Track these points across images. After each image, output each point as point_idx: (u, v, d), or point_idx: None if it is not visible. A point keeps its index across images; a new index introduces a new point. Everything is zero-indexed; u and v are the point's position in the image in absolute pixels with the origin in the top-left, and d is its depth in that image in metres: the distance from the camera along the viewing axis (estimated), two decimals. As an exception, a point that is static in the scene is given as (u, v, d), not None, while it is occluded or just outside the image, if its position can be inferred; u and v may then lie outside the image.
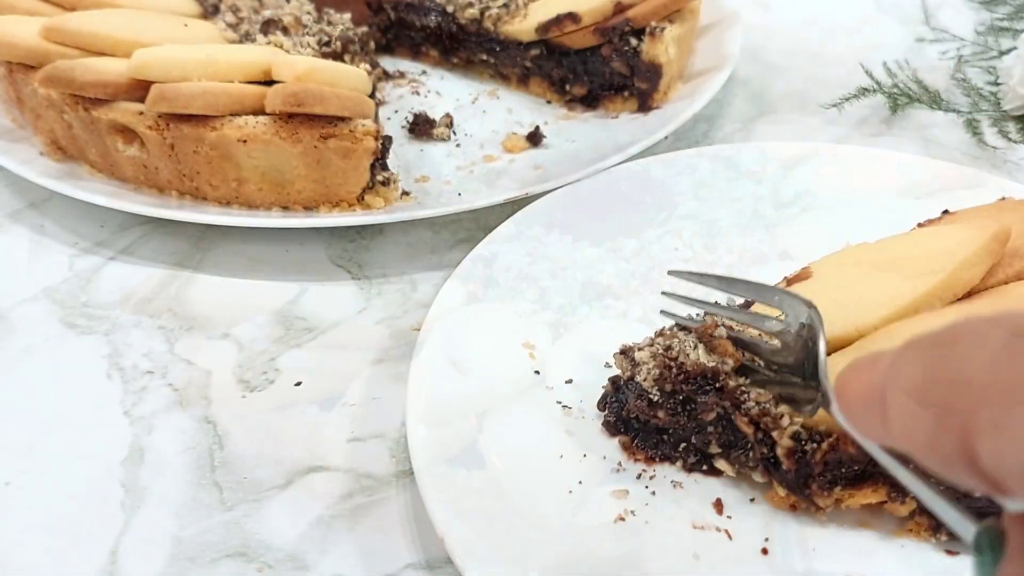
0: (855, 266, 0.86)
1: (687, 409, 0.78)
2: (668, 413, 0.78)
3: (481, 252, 0.97)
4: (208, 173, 1.08)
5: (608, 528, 0.76)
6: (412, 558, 0.78)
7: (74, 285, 1.06)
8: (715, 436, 0.78)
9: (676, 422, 0.78)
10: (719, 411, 0.76)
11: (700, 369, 0.76)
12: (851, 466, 0.73)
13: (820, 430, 0.74)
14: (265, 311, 1.03)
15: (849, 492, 0.74)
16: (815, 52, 1.50)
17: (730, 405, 0.76)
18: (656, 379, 0.77)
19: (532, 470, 0.80)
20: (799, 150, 1.13)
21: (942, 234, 0.86)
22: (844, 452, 0.72)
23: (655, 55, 1.23)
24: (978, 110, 1.35)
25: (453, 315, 0.91)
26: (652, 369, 0.78)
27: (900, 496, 0.73)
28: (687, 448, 0.80)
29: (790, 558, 0.74)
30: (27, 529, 0.81)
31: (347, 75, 1.09)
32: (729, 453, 0.78)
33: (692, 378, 0.76)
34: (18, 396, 0.93)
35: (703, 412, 0.76)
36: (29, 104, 1.16)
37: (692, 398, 0.77)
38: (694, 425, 0.78)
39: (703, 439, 0.78)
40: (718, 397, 0.76)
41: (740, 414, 0.75)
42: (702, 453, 0.80)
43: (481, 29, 1.34)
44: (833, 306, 0.82)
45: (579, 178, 1.08)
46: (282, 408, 0.92)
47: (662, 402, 0.78)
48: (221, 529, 0.81)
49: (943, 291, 0.80)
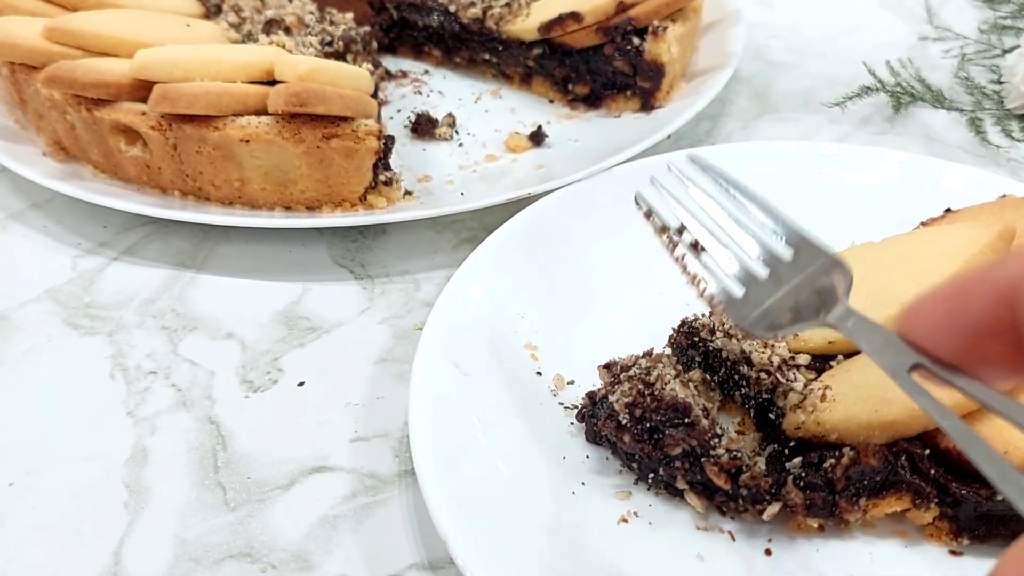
0: (860, 265, 0.85)
1: (654, 439, 0.75)
2: (634, 439, 0.75)
3: (484, 252, 0.97)
4: (211, 173, 1.08)
5: (611, 529, 0.76)
6: (416, 558, 0.78)
7: (77, 286, 1.06)
8: (681, 472, 0.75)
9: (641, 449, 0.75)
10: (685, 448, 0.74)
11: (672, 401, 0.73)
12: (873, 476, 0.72)
13: (831, 439, 0.74)
14: (268, 311, 1.03)
15: (873, 502, 0.73)
16: (818, 50, 1.50)
17: (698, 445, 0.73)
18: (628, 404, 0.75)
19: (535, 471, 0.80)
20: (801, 149, 1.13)
21: (947, 233, 0.86)
22: (866, 464, 0.72)
23: (657, 54, 1.23)
24: (981, 108, 1.35)
25: (455, 315, 0.91)
26: (627, 392, 0.75)
27: (924, 503, 0.73)
28: (655, 478, 0.78)
29: (793, 559, 0.74)
30: (31, 529, 0.81)
31: (349, 75, 1.09)
32: (698, 490, 0.76)
33: (663, 408, 0.74)
34: (21, 397, 0.93)
35: (669, 445, 0.74)
36: (32, 105, 1.16)
37: (660, 428, 0.74)
38: (660, 456, 0.75)
39: (670, 472, 0.76)
40: (686, 434, 0.73)
41: (710, 462, 0.73)
42: (669, 487, 0.78)
43: (483, 28, 1.34)
44: None
45: (582, 178, 1.08)
46: (285, 408, 0.92)
47: (630, 426, 0.75)
48: (225, 529, 0.81)
49: None
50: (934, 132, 1.31)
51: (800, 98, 1.39)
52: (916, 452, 0.73)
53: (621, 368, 0.79)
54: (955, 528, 0.74)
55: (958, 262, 0.80)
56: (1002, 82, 1.36)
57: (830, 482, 0.73)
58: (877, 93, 1.37)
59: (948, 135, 1.31)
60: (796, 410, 0.75)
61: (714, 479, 0.73)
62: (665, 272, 0.99)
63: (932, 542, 0.75)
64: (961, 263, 0.80)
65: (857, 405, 0.74)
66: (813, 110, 1.36)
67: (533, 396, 0.87)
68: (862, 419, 0.73)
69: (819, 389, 0.76)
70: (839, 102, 1.35)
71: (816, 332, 0.81)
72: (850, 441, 0.74)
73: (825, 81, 1.42)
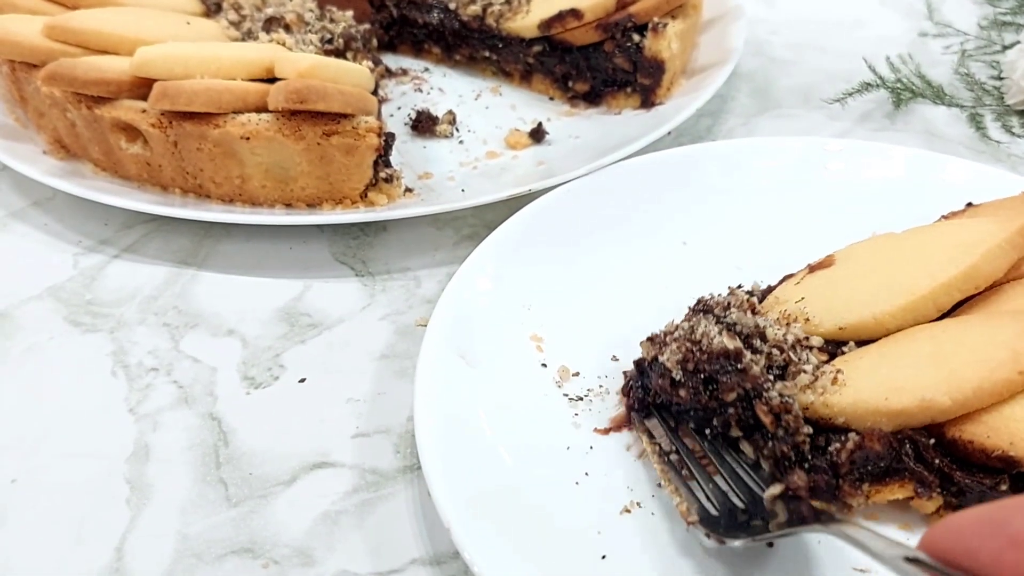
0: (878, 255, 0.86)
1: (708, 389, 0.77)
2: (690, 392, 0.77)
3: (489, 245, 0.97)
4: (211, 170, 1.08)
5: (614, 519, 0.76)
6: (418, 553, 0.78)
7: (78, 283, 1.06)
8: (735, 417, 0.77)
9: (697, 401, 0.77)
10: (739, 392, 0.75)
11: (722, 350, 0.76)
12: (877, 462, 0.73)
13: (838, 423, 0.74)
14: (269, 308, 1.03)
15: (876, 488, 0.74)
16: (819, 47, 1.50)
17: (751, 388, 0.75)
18: (680, 360, 0.77)
19: (539, 462, 0.80)
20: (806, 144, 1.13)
21: (965, 227, 0.86)
22: (870, 449, 0.72)
23: (658, 51, 1.23)
24: (981, 104, 1.35)
25: (461, 308, 0.91)
26: (676, 351, 0.78)
27: (927, 491, 0.73)
28: (711, 432, 0.79)
29: (796, 551, 0.74)
30: (33, 526, 0.81)
31: (350, 72, 1.09)
32: (751, 435, 0.77)
33: (714, 358, 0.76)
34: (23, 394, 0.93)
35: (724, 391, 0.76)
36: (32, 103, 1.16)
37: (713, 378, 0.76)
38: (716, 405, 0.77)
39: (723, 420, 0.77)
40: (740, 379, 0.75)
41: (761, 403, 0.75)
42: (724, 436, 0.78)
43: (483, 26, 1.34)
44: (852, 294, 0.83)
45: (582, 174, 1.08)
46: (287, 404, 0.92)
47: (684, 381, 0.77)
48: (227, 525, 0.81)
49: (963, 282, 0.80)
50: (934, 128, 1.31)
51: (801, 94, 1.39)
52: (921, 441, 0.73)
53: (664, 335, 0.82)
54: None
55: (974, 256, 0.80)
56: (1002, 78, 1.37)
57: (834, 465, 0.73)
58: (878, 89, 1.37)
59: (948, 131, 1.31)
60: (806, 391, 0.76)
61: (762, 418, 0.74)
62: (667, 265, 1.00)
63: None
64: (977, 256, 0.80)
65: (867, 391, 0.74)
66: (814, 106, 1.36)
67: (538, 387, 0.87)
68: (871, 405, 0.73)
69: (831, 372, 0.76)
70: (840, 98, 1.35)
71: (827, 318, 0.82)
72: (856, 426, 0.74)
73: (826, 77, 1.42)
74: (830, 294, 0.84)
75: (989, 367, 0.72)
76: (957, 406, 0.71)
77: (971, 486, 0.72)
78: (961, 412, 0.72)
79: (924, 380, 0.73)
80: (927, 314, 0.80)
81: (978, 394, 0.71)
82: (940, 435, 0.73)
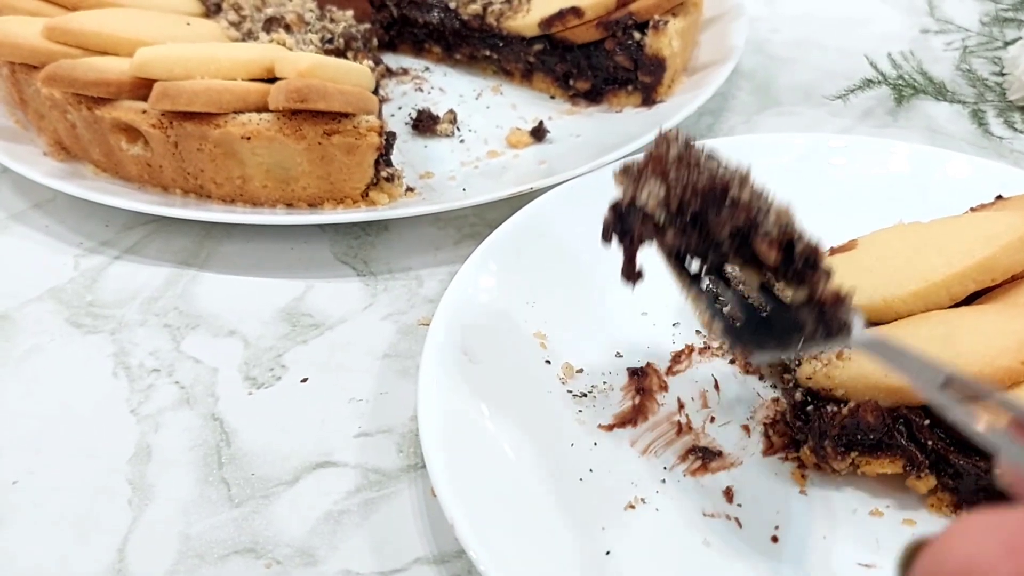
0: (900, 241, 0.87)
1: (697, 227, 0.68)
2: (676, 234, 0.68)
3: (492, 242, 0.97)
4: (212, 171, 1.08)
5: (618, 515, 0.76)
6: (421, 552, 0.78)
7: (79, 284, 1.06)
8: (731, 252, 0.68)
9: (687, 241, 0.69)
10: (732, 227, 0.67)
11: (710, 182, 0.67)
12: (868, 434, 0.73)
13: (838, 395, 0.75)
14: (271, 308, 1.02)
15: (866, 459, 0.75)
16: (820, 44, 1.50)
17: (745, 219, 0.66)
18: (662, 201, 0.68)
19: (543, 458, 0.79)
20: (809, 140, 1.12)
21: (992, 219, 0.86)
22: (863, 419, 0.73)
23: (658, 48, 1.23)
24: (983, 100, 1.35)
25: (465, 305, 0.91)
26: (656, 192, 0.68)
27: (915, 470, 0.74)
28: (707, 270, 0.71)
29: (800, 546, 0.74)
30: (35, 528, 0.80)
31: (350, 72, 1.08)
32: (752, 268, 0.69)
33: (699, 193, 0.67)
34: (25, 395, 0.93)
35: (716, 228, 0.67)
36: (32, 104, 1.16)
37: (702, 214, 0.67)
38: (708, 243, 0.69)
39: (719, 257, 0.69)
40: (731, 213, 0.66)
41: (759, 237, 0.66)
42: (718, 273, 0.71)
43: (484, 25, 1.34)
44: (867, 276, 0.84)
45: (583, 172, 1.08)
46: (289, 404, 0.91)
47: (668, 223, 0.68)
48: (229, 526, 0.80)
49: (979, 273, 0.80)
50: (936, 124, 1.31)
51: (802, 92, 1.39)
52: (915, 420, 0.74)
53: (638, 169, 0.71)
54: (956, 500, 0.75)
55: (993, 247, 0.80)
56: (1004, 74, 1.36)
57: (823, 427, 0.74)
58: (879, 86, 1.37)
59: (951, 127, 1.30)
60: (812, 360, 0.78)
61: (765, 254, 0.66)
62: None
63: (934, 513, 0.76)
64: (997, 248, 0.80)
65: (870, 366, 0.75)
66: (815, 103, 1.36)
67: (542, 384, 0.87)
68: (870, 380, 0.75)
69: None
70: (841, 95, 1.35)
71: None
72: (855, 399, 0.75)
73: (827, 74, 1.42)
74: (846, 275, 0.84)
75: (993, 354, 0.72)
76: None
77: (967, 468, 0.72)
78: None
79: None
80: (939, 302, 0.81)
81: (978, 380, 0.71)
82: (938, 416, 0.73)
